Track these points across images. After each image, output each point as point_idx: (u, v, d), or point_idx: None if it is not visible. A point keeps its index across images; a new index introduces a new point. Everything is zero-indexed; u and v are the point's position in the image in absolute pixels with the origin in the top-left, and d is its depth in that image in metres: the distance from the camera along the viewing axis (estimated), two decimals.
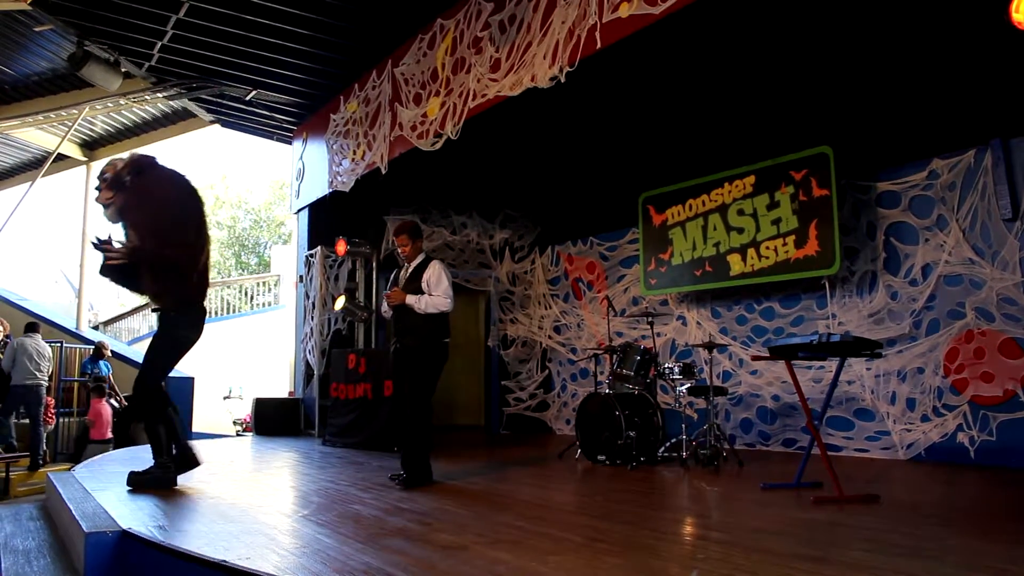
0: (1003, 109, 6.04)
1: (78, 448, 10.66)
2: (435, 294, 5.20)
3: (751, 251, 7.48)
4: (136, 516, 3.81)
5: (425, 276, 5.27)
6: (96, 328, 16.99)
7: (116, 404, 11.72)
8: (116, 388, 11.96)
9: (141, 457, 7.07)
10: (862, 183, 7.01)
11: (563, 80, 5.66)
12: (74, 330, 13.53)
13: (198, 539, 3.26)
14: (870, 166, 6.96)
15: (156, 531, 3.41)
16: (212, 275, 5.82)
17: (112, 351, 12.43)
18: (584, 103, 7.47)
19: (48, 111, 11.37)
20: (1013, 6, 4.24)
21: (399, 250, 5.51)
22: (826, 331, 5.24)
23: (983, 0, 4.67)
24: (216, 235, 30.44)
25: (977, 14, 5.21)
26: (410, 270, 5.41)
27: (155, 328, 5.14)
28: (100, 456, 7.49)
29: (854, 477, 5.32)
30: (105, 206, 4.78)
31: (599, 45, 5.38)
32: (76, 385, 12.08)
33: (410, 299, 5.21)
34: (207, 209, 5.24)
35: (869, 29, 5.96)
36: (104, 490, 4.70)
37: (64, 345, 12.21)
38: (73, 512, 3.84)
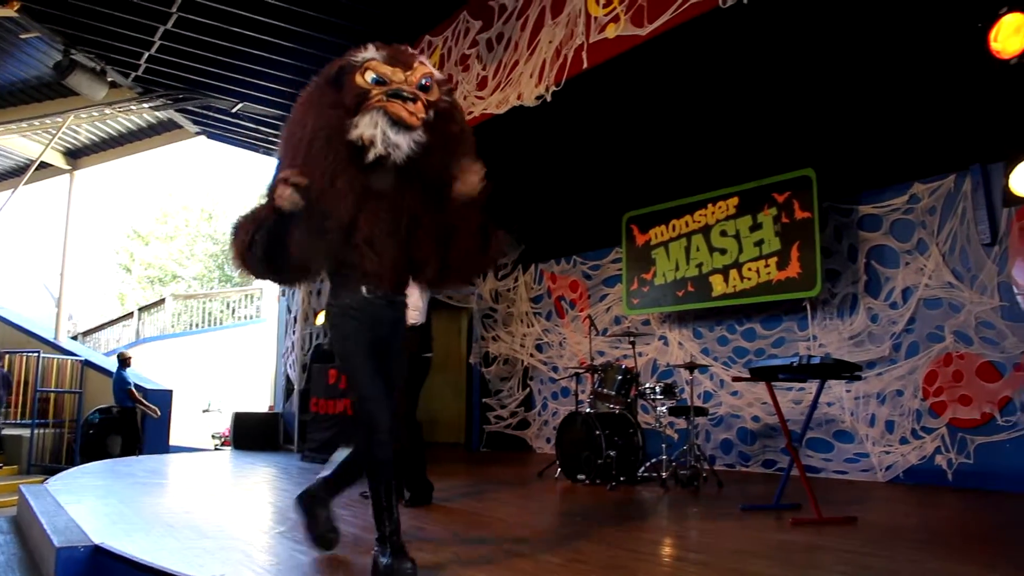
0: (982, 135, 6.12)
1: None
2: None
3: (733, 272, 7.52)
4: (109, 531, 3.75)
5: None
6: (75, 339, 16.80)
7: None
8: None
9: (117, 470, 7.00)
10: (844, 206, 7.08)
11: (549, 99, 5.69)
12: (52, 340, 13.35)
13: (172, 555, 3.21)
14: (852, 189, 7.03)
15: (129, 546, 3.36)
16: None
17: (89, 362, 12.25)
18: (569, 122, 7.49)
19: (32, 119, 11.30)
20: (991, 35, 4.34)
21: None
22: (807, 353, 5.28)
23: (964, 29, 4.75)
24: (203, 248, 30.14)
25: (958, 43, 5.30)
26: None
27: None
28: (75, 468, 7.38)
29: (833, 499, 5.31)
30: None
31: (585, 65, 5.42)
32: (52, 395, 11.92)
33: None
34: None
35: (853, 55, 6.05)
36: (77, 503, 4.63)
37: (41, 355, 12.05)
38: (44, 526, 3.78)
